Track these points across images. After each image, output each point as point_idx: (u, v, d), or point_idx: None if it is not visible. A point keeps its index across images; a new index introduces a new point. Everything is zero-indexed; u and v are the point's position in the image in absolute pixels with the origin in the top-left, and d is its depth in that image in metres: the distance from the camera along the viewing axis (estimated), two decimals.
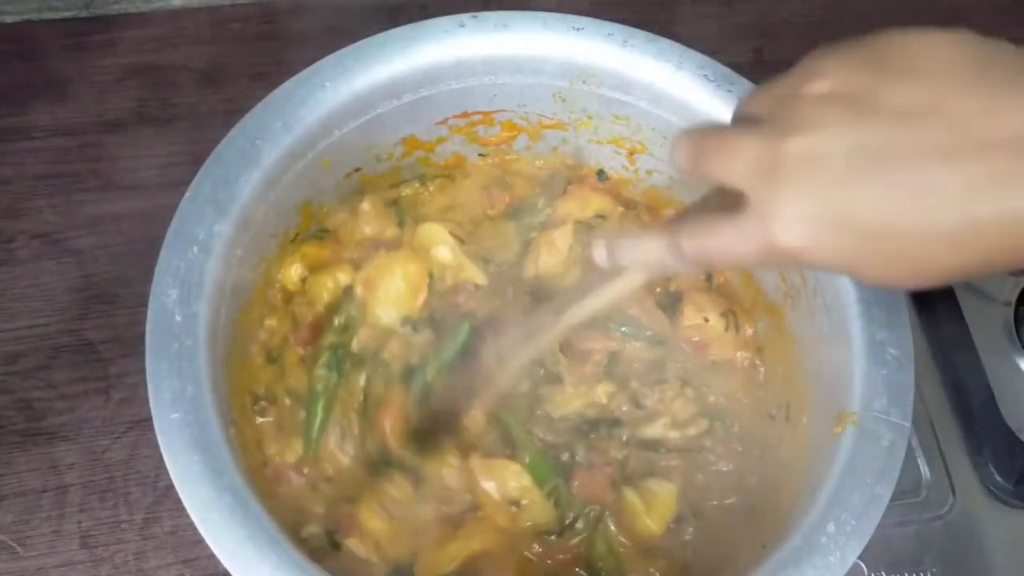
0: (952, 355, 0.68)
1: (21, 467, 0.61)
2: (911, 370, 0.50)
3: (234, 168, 0.52)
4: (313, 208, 0.59)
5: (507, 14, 0.59)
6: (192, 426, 0.45)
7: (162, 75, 0.79)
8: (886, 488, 0.46)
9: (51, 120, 0.76)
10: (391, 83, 0.57)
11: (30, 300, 0.68)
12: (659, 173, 0.64)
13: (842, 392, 0.50)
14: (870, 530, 0.45)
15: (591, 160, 0.66)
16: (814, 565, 0.44)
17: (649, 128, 0.61)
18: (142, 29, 0.82)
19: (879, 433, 0.48)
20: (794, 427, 0.54)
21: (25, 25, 0.81)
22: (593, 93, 0.61)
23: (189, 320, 0.47)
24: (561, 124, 0.63)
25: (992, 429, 0.64)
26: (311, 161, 0.56)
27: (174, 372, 0.46)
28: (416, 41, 0.57)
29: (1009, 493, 0.63)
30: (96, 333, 0.66)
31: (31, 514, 0.60)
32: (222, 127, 0.53)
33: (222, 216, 0.51)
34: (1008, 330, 0.70)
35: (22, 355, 0.65)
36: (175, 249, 0.49)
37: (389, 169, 0.63)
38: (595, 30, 0.59)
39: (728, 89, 0.58)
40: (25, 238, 0.70)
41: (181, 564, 0.59)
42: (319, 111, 0.55)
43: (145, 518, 0.60)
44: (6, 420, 0.63)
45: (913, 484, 0.64)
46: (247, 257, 0.53)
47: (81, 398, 0.64)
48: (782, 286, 0.58)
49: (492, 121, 0.63)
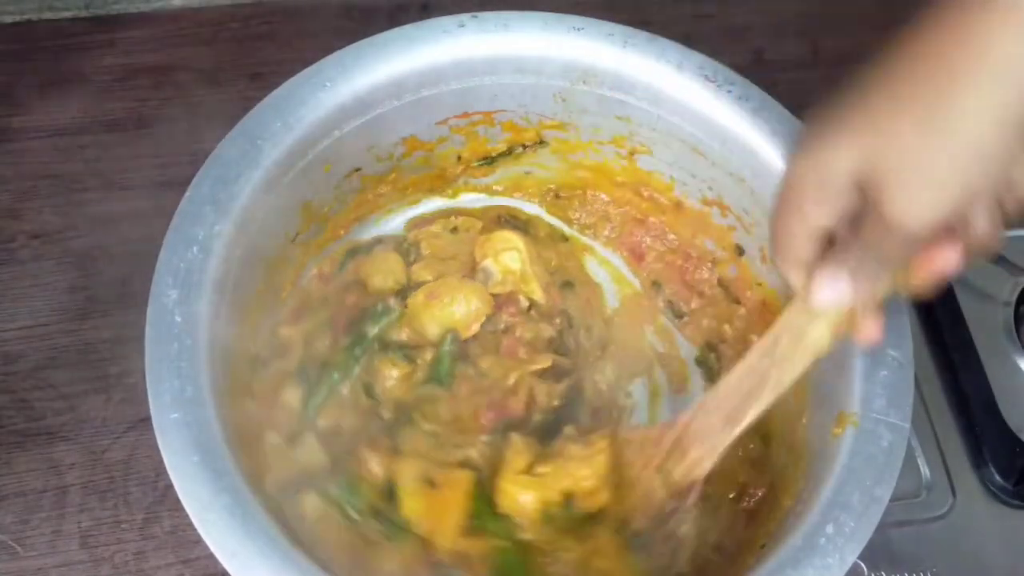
0: (952, 355, 0.67)
1: (21, 467, 0.61)
2: (911, 371, 0.50)
3: (234, 168, 0.52)
4: (313, 208, 0.59)
5: (507, 14, 0.59)
6: (192, 426, 0.45)
7: (162, 75, 0.79)
8: (885, 489, 0.46)
9: (51, 120, 0.76)
10: (391, 83, 0.57)
11: (30, 300, 0.68)
12: (659, 173, 0.64)
13: (842, 393, 0.50)
14: (869, 531, 0.45)
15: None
16: (813, 566, 0.44)
17: (649, 128, 0.61)
18: (142, 29, 0.82)
19: (878, 434, 0.48)
20: (794, 427, 0.54)
21: (25, 25, 0.81)
22: (593, 93, 0.60)
23: (189, 320, 0.47)
24: (561, 124, 0.63)
25: (992, 429, 0.64)
26: (311, 161, 0.56)
27: (174, 372, 0.46)
28: (416, 41, 0.57)
29: (1009, 493, 0.63)
30: (96, 333, 0.66)
31: (31, 514, 0.60)
32: (222, 127, 0.53)
33: (222, 216, 0.51)
34: (1008, 330, 0.70)
35: (22, 355, 0.65)
36: (175, 249, 0.49)
37: (389, 169, 0.63)
38: (595, 30, 0.59)
39: (729, 89, 0.58)
40: (25, 238, 0.70)
41: (181, 564, 0.59)
42: (319, 111, 0.55)
43: (145, 518, 0.60)
44: (6, 420, 0.63)
45: (913, 484, 0.64)
46: (247, 257, 0.53)
47: (81, 398, 0.64)
48: (783, 287, 0.58)
49: (492, 121, 0.63)
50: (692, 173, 0.62)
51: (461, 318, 0.60)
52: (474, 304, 0.60)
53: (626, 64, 0.59)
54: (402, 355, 0.58)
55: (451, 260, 0.63)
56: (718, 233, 0.63)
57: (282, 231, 0.58)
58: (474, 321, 0.60)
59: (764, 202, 0.58)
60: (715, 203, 0.62)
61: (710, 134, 0.59)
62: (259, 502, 0.44)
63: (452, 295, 0.60)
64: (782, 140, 0.56)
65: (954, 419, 0.66)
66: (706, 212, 0.63)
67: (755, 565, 0.45)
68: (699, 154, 0.60)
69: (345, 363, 0.58)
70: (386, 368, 0.58)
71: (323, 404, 0.57)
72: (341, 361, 0.58)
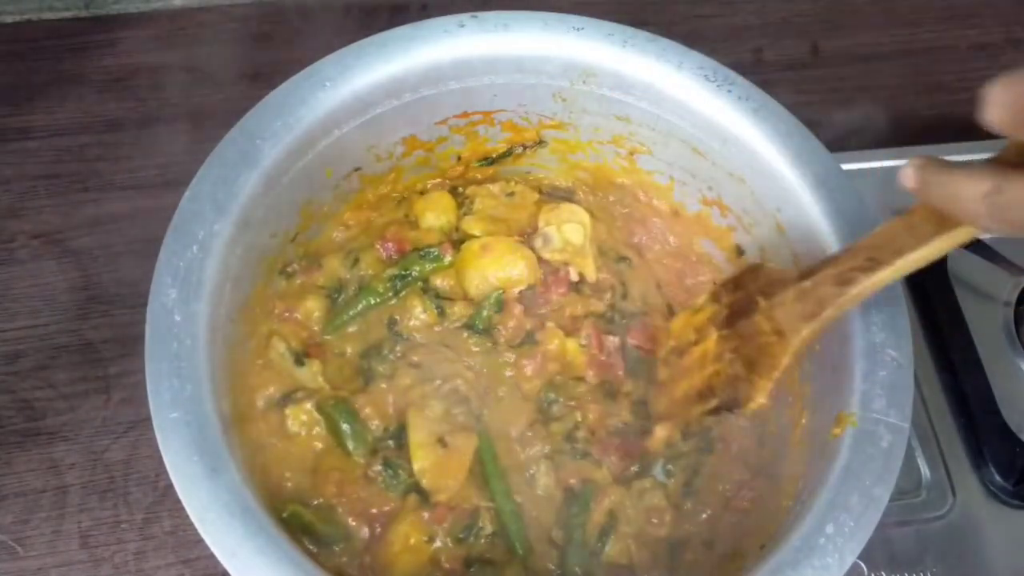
0: (952, 355, 0.67)
1: (21, 467, 0.61)
2: (910, 371, 0.50)
3: (234, 168, 0.52)
4: (313, 208, 0.59)
5: (507, 14, 0.59)
6: (191, 426, 0.45)
7: (162, 75, 0.79)
8: (885, 489, 0.46)
9: (51, 120, 0.76)
10: (391, 83, 0.57)
11: (30, 300, 0.68)
12: (659, 173, 0.64)
13: (842, 393, 0.50)
14: (869, 531, 0.45)
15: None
16: (813, 566, 0.44)
17: (649, 128, 0.61)
18: (142, 29, 0.82)
19: (878, 434, 0.48)
20: (794, 427, 0.54)
21: (25, 25, 0.81)
22: (593, 93, 0.60)
23: (189, 320, 0.47)
24: (561, 124, 0.63)
25: (992, 429, 0.64)
26: (311, 161, 0.56)
27: (174, 372, 0.46)
28: (416, 41, 0.57)
29: (1009, 493, 0.63)
30: (96, 333, 0.66)
31: (31, 514, 0.60)
32: (222, 127, 0.53)
33: (222, 216, 0.51)
34: (1008, 330, 0.70)
35: (22, 355, 0.65)
36: (175, 249, 0.49)
37: (389, 169, 0.63)
38: (595, 30, 0.59)
39: (728, 89, 0.57)
40: (25, 238, 0.70)
41: (181, 564, 0.59)
42: (319, 111, 0.55)
43: (145, 518, 0.60)
44: (6, 420, 0.63)
45: (913, 484, 0.64)
46: (247, 257, 0.53)
47: (81, 398, 0.64)
48: None
49: (492, 121, 0.63)
50: (692, 173, 0.62)
51: (507, 277, 0.61)
52: (523, 269, 0.61)
53: (626, 64, 0.59)
54: (436, 304, 0.60)
55: (501, 222, 0.64)
56: (718, 233, 0.63)
57: (282, 231, 0.58)
58: (516, 285, 0.61)
59: (764, 202, 0.58)
60: (715, 203, 0.62)
61: (710, 134, 0.59)
62: (258, 501, 0.44)
63: (506, 254, 0.61)
64: (782, 140, 0.56)
65: (954, 419, 0.66)
66: (706, 212, 0.63)
67: (755, 565, 0.45)
68: (699, 154, 0.60)
69: (384, 291, 0.60)
70: (417, 308, 0.60)
71: (344, 323, 0.59)
72: (380, 288, 0.60)
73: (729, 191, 0.60)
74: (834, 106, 0.71)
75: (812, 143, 0.56)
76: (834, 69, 0.87)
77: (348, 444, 0.54)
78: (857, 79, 0.86)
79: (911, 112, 0.85)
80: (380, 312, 0.60)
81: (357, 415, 0.55)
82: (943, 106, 0.85)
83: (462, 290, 0.61)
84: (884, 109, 0.84)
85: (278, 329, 0.57)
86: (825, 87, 0.84)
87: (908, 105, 0.85)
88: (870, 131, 0.73)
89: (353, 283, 0.61)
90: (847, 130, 0.69)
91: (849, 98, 0.81)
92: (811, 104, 0.63)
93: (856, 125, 0.70)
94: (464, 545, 0.53)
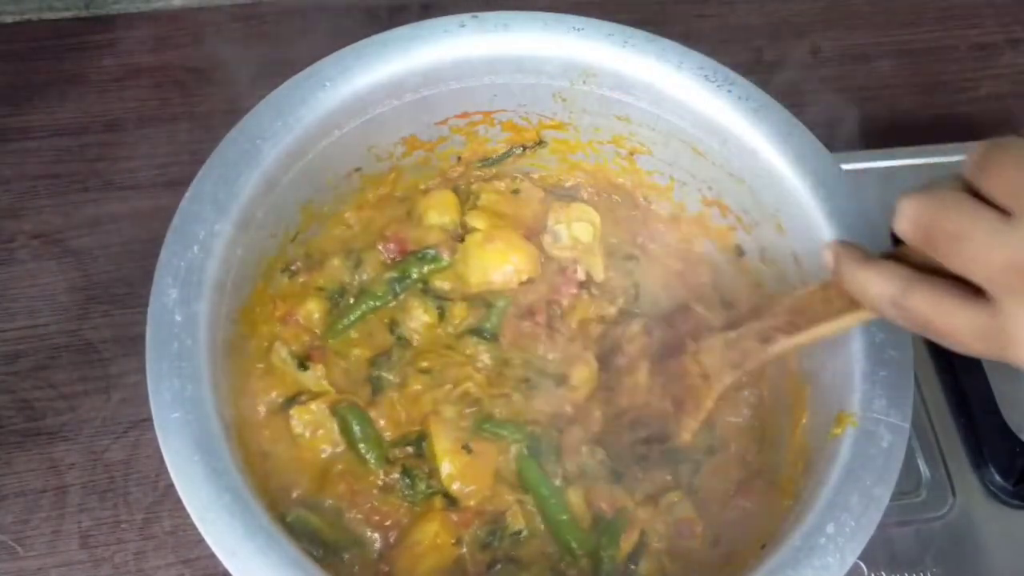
0: (952, 355, 0.67)
1: (21, 467, 0.61)
2: (911, 371, 0.50)
3: (234, 168, 0.52)
4: (313, 208, 0.59)
5: (507, 14, 0.59)
6: (192, 426, 0.45)
7: (162, 75, 0.79)
8: (885, 489, 0.46)
9: (51, 120, 0.76)
10: (391, 83, 0.57)
11: (30, 300, 0.68)
12: (659, 174, 0.64)
13: (842, 393, 0.50)
14: (869, 531, 0.45)
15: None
16: (813, 566, 0.44)
17: (649, 128, 0.61)
18: (142, 29, 0.82)
19: (878, 434, 0.48)
20: (794, 427, 0.54)
21: (25, 25, 0.81)
22: (593, 93, 0.60)
23: (189, 320, 0.47)
24: (561, 124, 0.63)
25: (992, 429, 0.64)
26: (311, 161, 0.56)
27: (174, 372, 0.46)
28: (416, 41, 0.57)
29: (1009, 493, 0.63)
30: (96, 333, 0.66)
31: (31, 514, 0.60)
32: (222, 127, 0.53)
33: (222, 216, 0.51)
34: None
35: (22, 355, 0.65)
36: (175, 249, 0.49)
37: (389, 169, 0.63)
38: (595, 30, 0.59)
39: (728, 89, 0.58)
40: (25, 238, 0.70)
41: (181, 564, 0.59)
42: (319, 111, 0.55)
43: (145, 518, 0.60)
44: (6, 420, 0.63)
45: (913, 484, 0.64)
46: (247, 257, 0.53)
47: (81, 398, 0.64)
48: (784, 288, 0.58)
49: (492, 121, 0.63)
50: (692, 173, 0.62)
51: (508, 268, 0.61)
52: (524, 263, 0.61)
53: (626, 64, 0.59)
54: (436, 304, 0.60)
55: (506, 217, 0.64)
56: (718, 234, 0.63)
57: (282, 231, 0.58)
58: (516, 280, 0.61)
59: (764, 202, 0.58)
60: (715, 203, 0.62)
61: (710, 134, 0.59)
62: (259, 502, 0.44)
63: (509, 245, 0.61)
64: (782, 140, 0.56)
65: (954, 419, 0.66)
66: (706, 213, 0.63)
67: (755, 565, 0.45)
68: (699, 154, 0.60)
69: (383, 294, 0.60)
70: (417, 310, 0.60)
71: (345, 328, 0.59)
72: (379, 291, 0.60)
73: (729, 191, 0.60)
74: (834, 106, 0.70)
75: (812, 143, 0.56)
76: (834, 69, 0.87)
77: (360, 448, 0.54)
78: (857, 79, 0.86)
79: (911, 112, 0.85)
80: (380, 315, 0.60)
81: (371, 421, 0.55)
82: (943, 106, 0.85)
83: (463, 283, 0.61)
84: (884, 109, 0.84)
85: (280, 333, 0.57)
86: (825, 87, 0.84)
87: (908, 105, 0.85)
88: (870, 131, 0.73)
89: (354, 288, 0.60)
90: (847, 130, 0.69)
91: (849, 98, 0.81)
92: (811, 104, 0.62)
93: (856, 125, 0.70)
94: (489, 550, 0.53)
